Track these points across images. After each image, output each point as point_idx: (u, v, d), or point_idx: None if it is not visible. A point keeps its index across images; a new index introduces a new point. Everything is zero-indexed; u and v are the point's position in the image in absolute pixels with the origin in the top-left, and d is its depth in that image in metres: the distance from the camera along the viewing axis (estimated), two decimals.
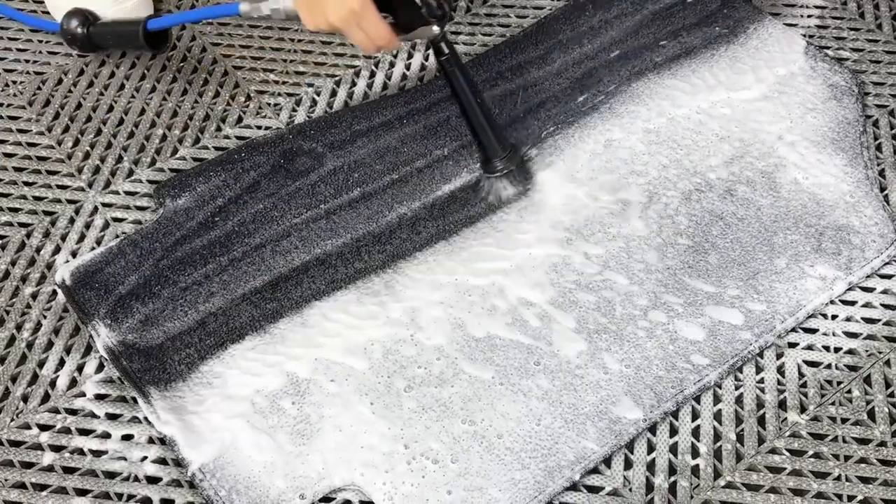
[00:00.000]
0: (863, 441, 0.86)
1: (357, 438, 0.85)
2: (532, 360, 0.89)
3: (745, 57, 1.13)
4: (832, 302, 0.94)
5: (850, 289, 0.95)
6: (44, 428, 0.88)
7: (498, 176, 1.00)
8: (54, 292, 0.97)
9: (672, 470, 0.85)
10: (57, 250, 1.01)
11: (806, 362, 0.91)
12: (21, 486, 0.84)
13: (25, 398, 0.90)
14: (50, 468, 0.85)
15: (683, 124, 1.07)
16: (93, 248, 1.00)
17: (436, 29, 0.92)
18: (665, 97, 1.09)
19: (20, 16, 1.19)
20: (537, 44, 1.16)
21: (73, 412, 0.89)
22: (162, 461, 0.86)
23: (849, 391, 0.89)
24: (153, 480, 0.85)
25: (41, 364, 0.92)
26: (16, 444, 0.87)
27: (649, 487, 0.84)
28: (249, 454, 0.84)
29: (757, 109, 1.08)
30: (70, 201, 1.05)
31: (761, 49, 1.14)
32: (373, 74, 1.16)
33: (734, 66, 1.12)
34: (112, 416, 0.88)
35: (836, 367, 0.91)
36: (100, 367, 0.92)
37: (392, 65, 1.17)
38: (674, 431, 0.87)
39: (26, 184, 1.06)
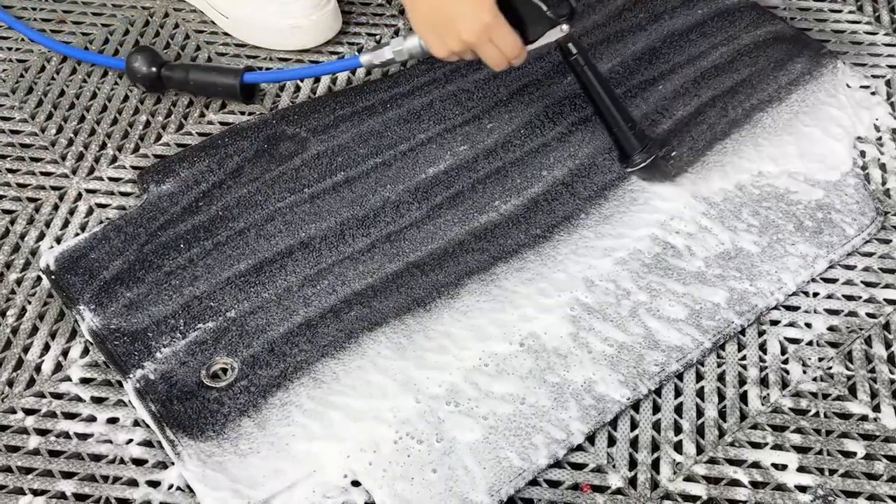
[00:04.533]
0: (844, 416, 0.87)
1: (342, 421, 0.85)
2: (516, 340, 0.90)
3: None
4: (813, 280, 0.95)
5: (831, 266, 0.96)
6: (29, 412, 0.88)
7: (637, 170, 0.99)
8: (39, 278, 0.97)
9: (655, 446, 0.85)
10: (41, 236, 1.01)
11: (787, 339, 0.92)
12: (7, 469, 0.84)
13: (10, 383, 0.90)
14: (35, 452, 0.85)
15: None
16: (77, 234, 1.00)
17: (565, 27, 0.91)
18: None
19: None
20: None
21: (58, 396, 0.89)
22: (147, 443, 0.86)
23: (830, 367, 0.90)
24: (139, 462, 0.85)
25: (26, 349, 0.92)
26: (1, 428, 0.87)
27: (633, 464, 0.84)
28: (234, 436, 0.85)
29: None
30: (54, 188, 1.05)
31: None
32: None
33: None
34: (97, 400, 0.89)
35: (818, 344, 0.91)
36: (85, 352, 0.92)
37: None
38: (657, 409, 0.88)
39: (10, 171, 1.06)
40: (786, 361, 0.90)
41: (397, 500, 0.81)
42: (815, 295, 0.94)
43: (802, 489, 0.82)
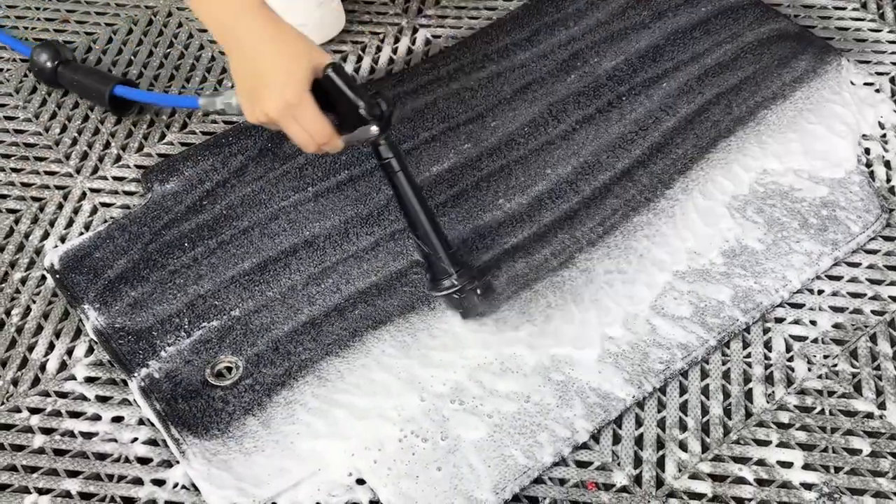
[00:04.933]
0: (849, 413, 0.87)
1: (347, 419, 0.85)
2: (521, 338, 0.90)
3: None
4: (818, 277, 0.95)
5: (836, 264, 0.96)
6: (34, 411, 0.88)
7: (445, 296, 0.89)
8: (43, 277, 0.97)
9: (660, 444, 0.85)
10: (45, 236, 1.01)
11: (792, 337, 0.92)
12: (12, 468, 0.84)
13: (15, 382, 0.90)
14: (41, 450, 0.85)
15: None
16: (81, 234, 1.00)
17: (374, 129, 0.83)
18: None
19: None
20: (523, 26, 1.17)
21: (63, 395, 0.89)
22: (152, 442, 0.86)
23: (835, 365, 0.90)
24: (144, 461, 0.85)
25: (31, 348, 0.92)
26: (6, 427, 0.87)
27: (638, 461, 0.84)
28: (239, 434, 0.85)
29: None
30: (58, 187, 1.05)
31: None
32: (360, 59, 1.17)
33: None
34: (102, 399, 0.89)
35: (823, 342, 0.91)
36: (89, 351, 0.92)
37: (379, 49, 1.17)
38: (662, 406, 0.87)
39: (14, 170, 1.06)
40: (791, 359, 0.90)
41: (402, 498, 0.81)
42: (820, 292, 0.94)
43: (808, 487, 0.82)
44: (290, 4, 1.14)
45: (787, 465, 0.84)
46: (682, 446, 0.85)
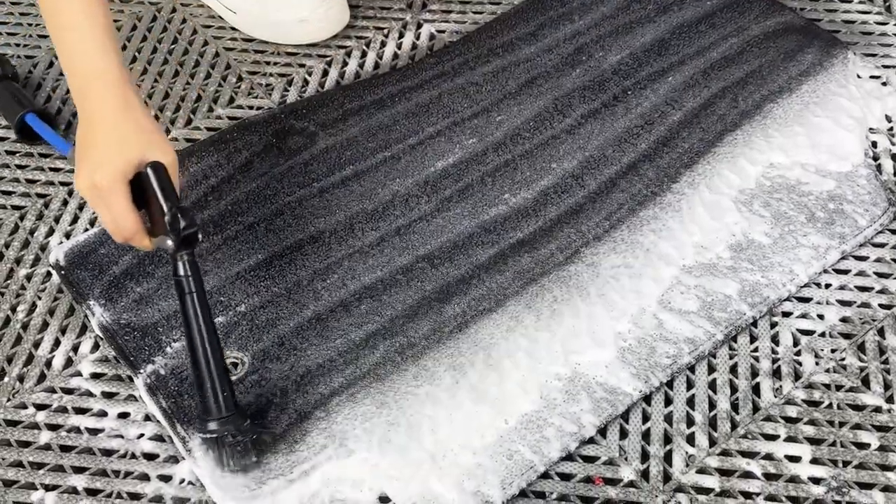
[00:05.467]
0: (857, 407, 0.87)
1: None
2: (527, 332, 0.90)
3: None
4: (825, 271, 0.95)
5: (843, 258, 0.95)
6: (40, 407, 0.88)
7: (208, 440, 0.80)
8: (49, 273, 0.97)
9: (667, 439, 0.85)
10: (51, 232, 1.01)
11: (800, 331, 0.91)
12: (18, 464, 0.84)
13: (21, 378, 0.90)
14: (47, 447, 0.85)
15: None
16: (86, 230, 1.00)
17: (169, 243, 0.78)
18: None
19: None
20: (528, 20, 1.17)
21: (69, 391, 0.89)
22: (159, 438, 0.86)
23: (843, 359, 0.89)
24: (150, 457, 0.85)
25: (37, 344, 0.92)
26: (12, 423, 0.87)
27: (645, 456, 0.84)
28: None
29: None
30: (63, 183, 1.05)
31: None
32: (364, 54, 1.16)
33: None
34: (108, 395, 0.89)
35: (830, 335, 0.91)
36: (95, 347, 0.92)
37: (383, 44, 1.17)
38: (669, 401, 0.87)
39: (19, 167, 1.06)
40: (798, 353, 0.90)
41: (409, 490, 0.80)
42: (828, 286, 0.94)
43: (816, 481, 0.82)
44: (294, 0, 1.14)
45: (795, 459, 0.83)
46: (690, 441, 0.85)
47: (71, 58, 0.83)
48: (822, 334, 0.91)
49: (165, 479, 0.83)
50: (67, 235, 1.00)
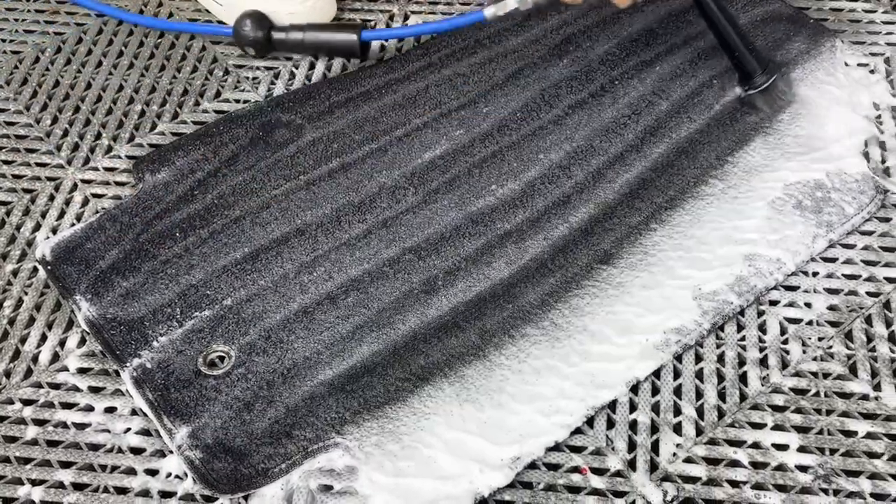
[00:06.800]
0: (844, 395, 0.87)
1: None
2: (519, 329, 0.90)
3: None
4: (813, 259, 0.95)
5: (830, 246, 0.95)
6: (27, 402, 0.88)
7: (761, 91, 1.03)
8: (35, 269, 0.97)
9: (654, 428, 0.85)
10: (37, 227, 1.00)
11: (787, 319, 0.91)
12: (5, 459, 0.84)
13: (8, 374, 0.90)
14: (34, 442, 0.85)
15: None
16: (73, 225, 1.00)
17: None
18: None
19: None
20: None
21: (55, 386, 0.89)
22: (145, 432, 0.86)
23: (830, 347, 0.89)
24: (137, 451, 0.85)
25: (23, 340, 0.92)
26: None
27: (632, 446, 0.84)
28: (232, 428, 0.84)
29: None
30: (49, 178, 1.04)
31: None
32: None
33: None
34: (95, 390, 0.88)
35: (818, 324, 0.91)
36: (82, 342, 0.92)
37: None
38: (656, 391, 0.87)
39: (5, 162, 1.06)
40: (785, 341, 0.90)
41: (397, 480, 0.80)
42: (815, 274, 0.94)
43: (803, 469, 0.82)
44: None
45: (783, 447, 0.83)
46: (677, 430, 0.85)
47: None
48: (810, 322, 0.91)
49: (152, 472, 0.83)
50: (54, 231, 1.00)
